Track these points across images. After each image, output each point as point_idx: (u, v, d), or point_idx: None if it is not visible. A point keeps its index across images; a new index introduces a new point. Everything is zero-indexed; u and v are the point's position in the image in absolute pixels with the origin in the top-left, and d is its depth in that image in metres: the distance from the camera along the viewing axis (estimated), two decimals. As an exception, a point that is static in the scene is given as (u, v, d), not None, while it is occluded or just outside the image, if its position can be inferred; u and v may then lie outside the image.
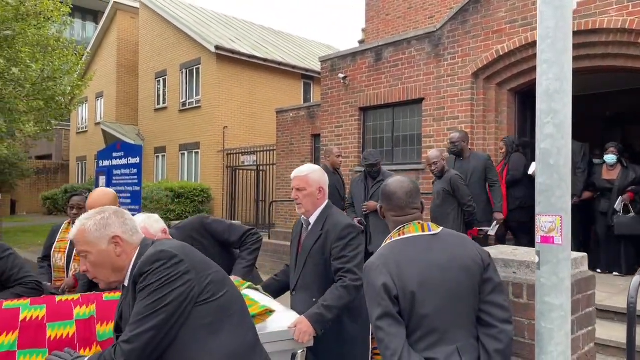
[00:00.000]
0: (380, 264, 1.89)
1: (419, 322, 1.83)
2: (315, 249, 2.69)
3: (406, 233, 1.99)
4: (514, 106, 7.12)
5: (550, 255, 1.81)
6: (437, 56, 7.37)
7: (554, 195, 1.81)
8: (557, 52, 1.82)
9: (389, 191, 2.10)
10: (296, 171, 2.79)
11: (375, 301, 1.84)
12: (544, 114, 1.85)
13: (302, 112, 12.01)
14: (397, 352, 1.76)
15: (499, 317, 1.91)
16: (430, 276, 1.86)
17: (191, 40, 16.37)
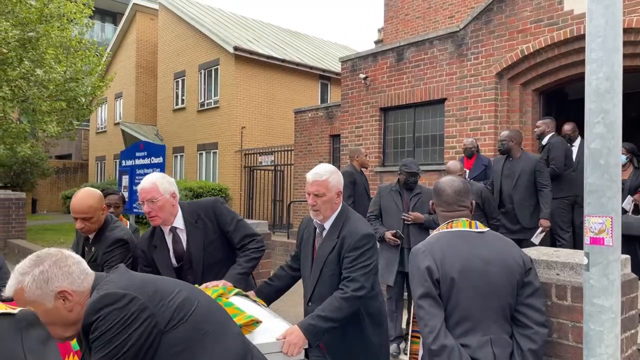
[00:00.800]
0: (427, 249, 2.02)
1: (455, 307, 1.94)
2: (331, 258, 2.49)
3: (454, 227, 2.10)
4: (538, 106, 7.04)
5: (600, 256, 1.79)
6: (460, 56, 7.32)
7: (604, 196, 1.79)
8: (608, 50, 1.80)
9: (439, 188, 2.22)
10: (313, 174, 2.53)
11: (419, 282, 1.96)
12: (594, 113, 1.82)
13: (320, 113, 12.02)
14: (435, 330, 1.88)
15: (535, 319, 1.98)
16: (472, 267, 1.96)
17: (210, 41, 16.49)
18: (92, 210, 2.81)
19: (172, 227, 2.77)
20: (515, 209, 5.03)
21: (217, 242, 2.81)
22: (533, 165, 5.10)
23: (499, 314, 1.96)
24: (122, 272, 1.71)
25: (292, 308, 6.08)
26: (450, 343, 1.87)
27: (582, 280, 2.14)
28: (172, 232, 2.79)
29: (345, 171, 5.81)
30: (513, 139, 5.26)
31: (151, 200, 2.62)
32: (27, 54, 10.94)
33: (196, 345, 1.63)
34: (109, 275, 1.69)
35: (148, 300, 1.56)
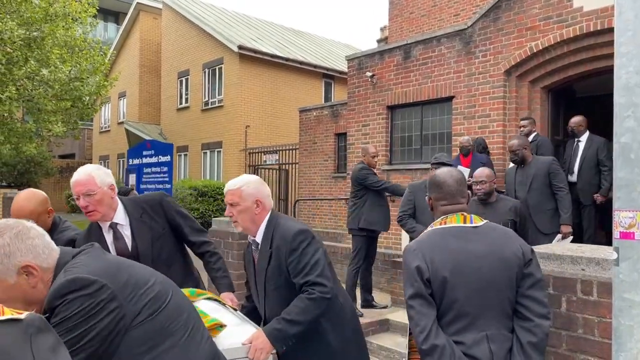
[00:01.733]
0: (417, 248, 2.00)
1: (449, 305, 1.92)
2: (271, 270, 2.33)
3: (448, 223, 2.07)
4: (547, 104, 7.02)
5: (630, 251, 1.78)
6: (468, 54, 7.30)
7: (635, 190, 1.78)
8: (638, 44, 1.78)
9: (439, 180, 2.16)
10: (228, 184, 2.45)
11: (409, 282, 1.95)
12: (624, 107, 1.81)
13: (325, 111, 12.01)
14: (426, 330, 1.86)
15: (536, 311, 1.95)
16: (464, 264, 1.93)
17: (214, 40, 16.49)
18: (35, 215, 2.58)
19: (113, 223, 2.59)
20: (532, 216, 4.71)
21: (165, 236, 2.68)
22: (546, 167, 4.83)
23: (497, 309, 1.94)
24: (97, 255, 1.59)
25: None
26: (441, 342, 1.85)
27: (609, 276, 2.13)
28: (112, 229, 2.61)
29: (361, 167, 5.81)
30: (525, 146, 5.03)
31: (87, 193, 2.42)
32: (33, 53, 10.96)
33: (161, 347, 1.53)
34: (81, 256, 1.56)
35: (119, 290, 1.47)
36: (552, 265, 2.29)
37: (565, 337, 2.21)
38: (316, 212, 12.09)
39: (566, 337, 2.21)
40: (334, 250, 7.56)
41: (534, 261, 2.04)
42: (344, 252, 7.34)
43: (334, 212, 11.43)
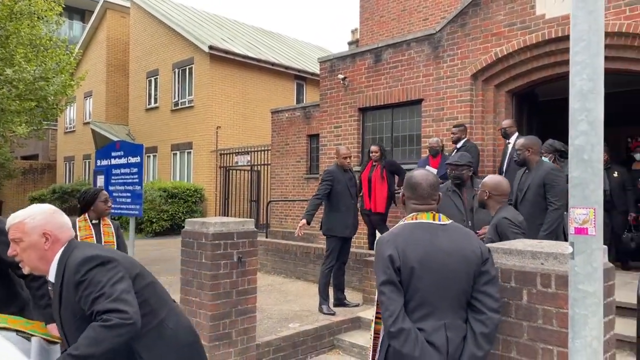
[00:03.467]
0: (390, 239, 2.15)
1: (414, 293, 2.08)
2: (65, 313, 2.00)
3: (419, 219, 2.23)
4: (511, 107, 7.28)
5: (584, 245, 1.92)
6: (437, 58, 7.50)
7: (588, 188, 1.92)
8: (591, 54, 1.93)
9: (414, 182, 2.30)
10: (10, 218, 2.11)
11: (382, 269, 2.10)
12: (578, 112, 1.95)
13: (297, 113, 12.08)
14: (394, 314, 2.02)
15: (489, 306, 2.14)
16: (431, 256, 2.10)
17: (184, 39, 16.34)
18: None
19: None
20: None
21: None
22: (542, 177, 4.25)
23: (455, 301, 2.12)
24: None
25: (273, 306, 6.15)
26: (407, 326, 2.02)
27: (565, 269, 2.28)
28: None
29: (325, 169, 6.03)
30: (529, 147, 4.50)
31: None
32: (-4, 51, 10.62)
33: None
34: None
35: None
36: (513, 260, 2.43)
37: (527, 328, 2.35)
38: (288, 213, 12.14)
39: (527, 327, 2.35)
40: (307, 251, 7.64)
41: (490, 260, 2.23)
42: (317, 252, 7.43)
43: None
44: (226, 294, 4.30)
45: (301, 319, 5.46)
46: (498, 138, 7.14)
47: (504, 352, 2.43)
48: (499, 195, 3.34)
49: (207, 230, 4.26)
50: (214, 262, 4.22)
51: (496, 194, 3.35)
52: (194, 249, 4.36)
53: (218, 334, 4.22)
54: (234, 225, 4.39)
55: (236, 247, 4.37)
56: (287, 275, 7.87)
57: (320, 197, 5.80)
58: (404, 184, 2.37)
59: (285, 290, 7.00)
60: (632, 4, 5.77)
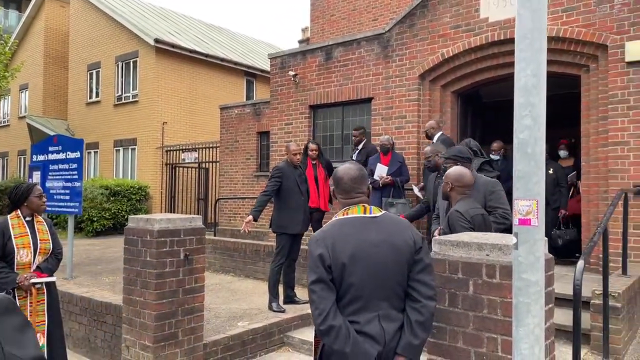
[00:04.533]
0: (320, 238, 2.16)
1: (347, 289, 2.09)
2: None
3: (349, 214, 2.24)
4: (456, 107, 7.50)
5: (527, 235, 1.98)
6: (386, 57, 7.61)
7: (531, 181, 1.98)
8: (535, 50, 1.99)
9: (337, 177, 2.34)
10: None
11: (312, 269, 2.10)
12: (522, 107, 2.01)
13: (247, 109, 11.93)
14: (324, 312, 2.03)
15: (424, 293, 2.17)
16: (361, 251, 2.11)
17: (128, 32, 15.75)
18: None
19: None
20: None
21: None
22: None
23: (389, 292, 2.14)
24: None
25: (221, 305, 6.04)
26: (337, 323, 2.02)
27: (509, 259, 2.35)
28: None
29: (274, 166, 5.97)
30: (439, 152, 4.81)
31: None
32: None
33: None
34: None
35: None
36: (460, 251, 2.49)
37: (472, 318, 2.41)
38: (237, 211, 11.96)
39: (473, 317, 2.41)
40: (257, 249, 7.55)
41: (424, 248, 2.24)
42: (267, 250, 7.36)
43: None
44: (172, 293, 4.17)
45: (250, 317, 5.38)
46: (444, 137, 7.33)
47: (451, 342, 2.49)
48: (461, 186, 3.39)
49: (152, 227, 4.11)
50: (160, 260, 4.08)
51: (458, 186, 3.40)
52: (138, 246, 4.20)
53: (163, 334, 4.09)
54: (181, 222, 4.26)
55: (183, 245, 4.25)
56: (236, 274, 7.75)
57: (269, 193, 5.73)
58: (332, 179, 2.41)
59: (234, 288, 6.89)
60: (568, 10, 6.09)
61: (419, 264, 2.19)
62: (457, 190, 3.42)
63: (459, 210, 3.27)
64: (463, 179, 3.41)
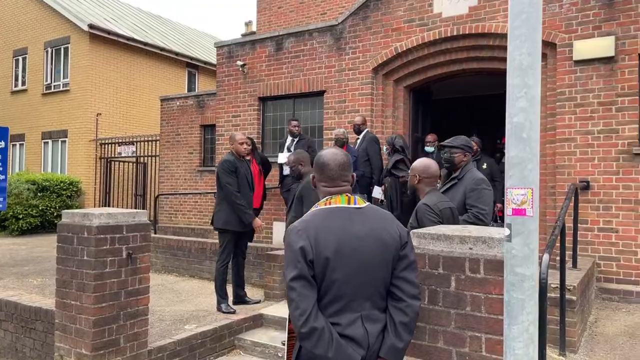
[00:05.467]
0: (302, 228, 1.92)
1: (328, 286, 1.88)
2: None
3: (332, 203, 2.02)
4: (408, 102, 7.47)
5: (522, 226, 1.84)
6: (339, 50, 7.45)
7: (526, 168, 1.84)
8: (531, 27, 1.86)
9: (322, 162, 2.09)
10: None
11: (292, 263, 1.87)
12: (517, 88, 1.87)
13: (190, 101, 11.40)
14: (306, 312, 1.80)
15: (409, 292, 1.98)
16: (346, 244, 1.90)
17: (59, 16, 14.67)
18: None
19: None
20: None
21: None
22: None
23: (373, 291, 1.95)
24: None
25: (166, 307, 5.63)
26: (320, 325, 1.82)
27: (494, 253, 2.22)
28: None
29: (225, 160, 5.46)
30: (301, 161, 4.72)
31: None
32: None
33: None
34: None
35: None
36: (441, 245, 2.33)
37: (454, 316, 2.26)
38: (179, 208, 11.41)
39: (455, 315, 2.26)
40: (202, 247, 7.15)
41: (410, 243, 2.05)
42: (213, 248, 6.98)
43: (200, 208, 10.90)
44: (113, 296, 3.77)
45: (198, 320, 5.03)
46: (397, 131, 7.29)
47: (430, 342, 2.33)
48: (428, 178, 3.25)
49: (91, 223, 3.68)
50: (99, 259, 3.67)
51: (426, 177, 3.25)
52: (73, 244, 3.76)
53: (103, 341, 3.68)
54: (124, 217, 3.86)
55: (126, 242, 3.85)
56: (180, 274, 7.31)
57: (239, 190, 5.35)
58: (314, 165, 2.15)
59: (178, 289, 6.47)
60: (519, 9, 6.17)
61: (404, 261, 1.99)
62: (424, 181, 3.28)
63: (427, 204, 3.13)
64: (429, 170, 3.28)
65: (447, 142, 3.93)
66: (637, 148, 5.50)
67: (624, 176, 5.58)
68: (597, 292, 5.52)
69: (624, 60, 5.58)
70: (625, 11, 5.57)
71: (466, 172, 3.75)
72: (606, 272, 5.61)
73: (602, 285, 5.56)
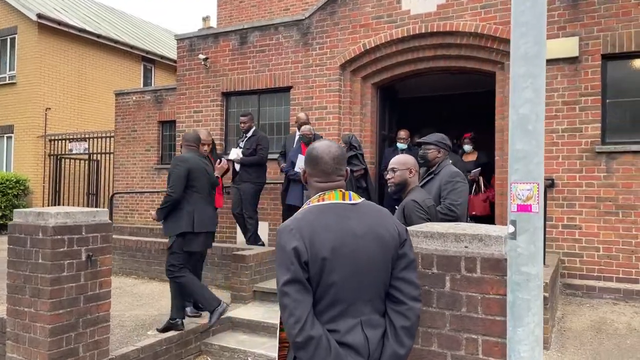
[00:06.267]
0: (294, 227, 1.74)
1: (325, 290, 1.72)
2: None
3: (326, 200, 1.86)
4: (376, 100, 7.41)
5: (527, 223, 1.77)
6: (306, 45, 7.30)
7: (532, 162, 1.77)
8: (536, 15, 1.78)
9: (315, 155, 1.92)
10: None
11: (285, 266, 1.70)
12: (522, 78, 1.79)
13: (147, 96, 10.94)
14: (301, 320, 1.64)
15: (409, 294, 1.85)
16: (343, 243, 1.74)
17: (5, 4, 13.81)
18: None
19: None
20: None
21: None
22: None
23: (372, 293, 1.80)
24: None
25: (126, 312, 5.32)
26: (317, 333, 1.66)
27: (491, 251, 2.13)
28: None
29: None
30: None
31: None
32: None
33: None
34: None
35: None
36: (435, 243, 2.22)
37: (449, 317, 2.16)
38: (135, 207, 10.93)
39: (450, 317, 2.16)
40: (164, 247, 6.80)
41: (409, 241, 1.93)
42: (175, 249, 6.68)
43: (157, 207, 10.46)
44: (71, 301, 3.48)
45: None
46: (365, 129, 7.22)
47: (424, 346, 2.22)
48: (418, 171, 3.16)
49: (46, 223, 3.38)
50: (56, 262, 3.37)
51: (417, 172, 3.15)
52: (26, 246, 3.44)
53: (61, 350, 3.39)
54: (83, 216, 3.57)
55: (85, 244, 3.57)
56: (139, 276, 6.96)
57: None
58: (305, 159, 1.97)
59: (138, 292, 6.15)
60: (486, 7, 6.22)
61: (403, 260, 1.85)
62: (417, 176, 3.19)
63: (416, 200, 3.03)
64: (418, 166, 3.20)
65: (423, 139, 3.87)
66: (600, 147, 5.65)
67: (587, 174, 5.72)
68: (561, 287, 5.63)
69: (587, 60, 5.72)
70: (589, 12, 5.71)
71: (442, 167, 3.70)
72: (570, 268, 5.73)
73: (566, 280, 5.68)
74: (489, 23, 6.21)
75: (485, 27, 6.22)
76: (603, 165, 5.64)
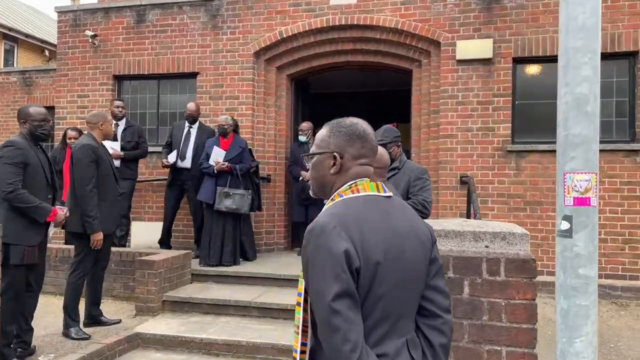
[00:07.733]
0: (338, 224, 1.32)
1: (373, 305, 1.35)
2: None
3: (360, 191, 1.44)
4: (291, 92, 7.06)
5: (587, 219, 1.55)
6: (215, 28, 6.68)
7: (591, 149, 1.55)
8: (595, -18, 1.56)
9: (362, 130, 1.49)
10: None
11: (333, 273, 1.28)
12: (580, 53, 1.56)
13: (12, 78, 9.35)
14: (358, 347, 1.25)
15: (442, 305, 1.53)
16: (392, 244, 1.38)
17: None
18: None
19: None
20: None
21: None
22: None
23: (414, 306, 1.48)
24: None
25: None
26: None
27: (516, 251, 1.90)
28: None
29: (85, 144, 4.29)
30: None
31: None
32: None
33: None
34: None
35: None
36: (450, 243, 1.94)
37: (468, 327, 1.89)
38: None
39: (469, 327, 1.89)
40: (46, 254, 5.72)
41: (436, 243, 1.59)
42: (60, 255, 5.66)
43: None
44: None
45: (55, 348, 3.92)
46: (280, 122, 6.83)
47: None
48: (380, 168, 2.82)
49: None
50: None
51: (378, 167, 2.82)
52: None
53: None
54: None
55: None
56: None
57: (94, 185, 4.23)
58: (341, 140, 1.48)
59: (12, 310, 5.05)
60: (406, 3, 6.19)
61: (435, 265, 1.50)
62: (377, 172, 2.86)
63: None
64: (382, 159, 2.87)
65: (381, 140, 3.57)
66: (510, 146, 5.91)
67: (498, 172, 5.95)
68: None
69: (500, 62, 5.95)
70: (502, 16, 5.94)
71: (404, 161, 3.49)
72: (484, 262, 5.92)
73: (480, 275, 5.84)
74: (408, 20, 6.19)
75: (405, 24, 6.19)
76: (513, 164, 5.91)
